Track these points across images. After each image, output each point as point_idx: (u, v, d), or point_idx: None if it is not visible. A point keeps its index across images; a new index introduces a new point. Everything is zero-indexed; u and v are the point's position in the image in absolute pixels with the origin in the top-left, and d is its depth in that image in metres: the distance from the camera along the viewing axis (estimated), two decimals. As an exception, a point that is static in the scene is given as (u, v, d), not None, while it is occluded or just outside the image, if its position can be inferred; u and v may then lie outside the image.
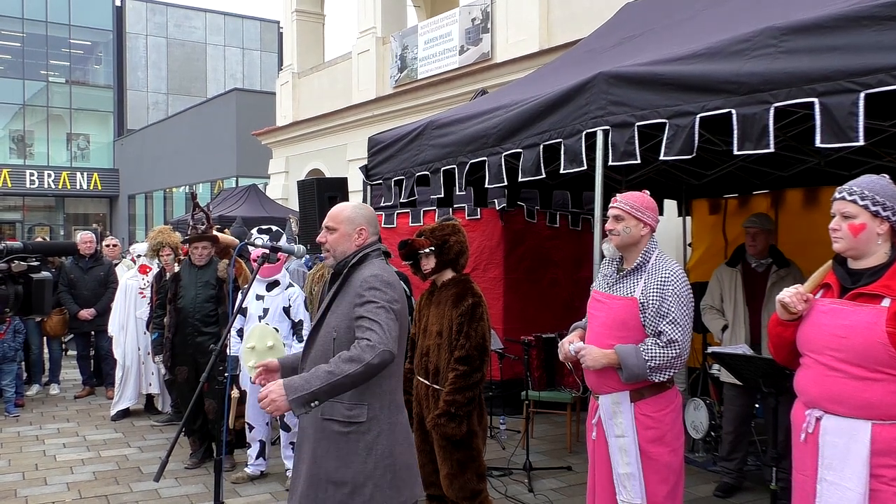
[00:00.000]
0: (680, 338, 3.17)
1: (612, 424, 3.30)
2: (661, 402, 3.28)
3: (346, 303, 2.85)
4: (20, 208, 36.21)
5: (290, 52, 18.37)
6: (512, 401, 7.12)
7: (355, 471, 2.79)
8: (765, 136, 3.12)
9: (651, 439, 3.24)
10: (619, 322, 3.29)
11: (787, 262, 5.19)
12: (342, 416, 2.81)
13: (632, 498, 3.25)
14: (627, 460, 3.25)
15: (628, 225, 3.33)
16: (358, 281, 2.85)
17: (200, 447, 5.95)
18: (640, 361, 3.16)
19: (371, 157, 5.94)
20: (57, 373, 8.88)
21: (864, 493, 2.51)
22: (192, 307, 5.72)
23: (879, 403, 2.51)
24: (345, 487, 2.79)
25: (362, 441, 2.81)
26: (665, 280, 3.23)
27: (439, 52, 12.78)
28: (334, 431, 2.82)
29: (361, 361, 2.63)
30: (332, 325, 2.87)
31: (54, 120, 36.62)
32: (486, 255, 7.48)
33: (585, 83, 3.95)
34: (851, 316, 2.59)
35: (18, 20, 35.03)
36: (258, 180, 19.69)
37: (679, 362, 3.20)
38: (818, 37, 2.99)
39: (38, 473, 5.76)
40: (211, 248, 5.88)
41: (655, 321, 3.21)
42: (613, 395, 3.30)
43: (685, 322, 3.21)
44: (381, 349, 2.67)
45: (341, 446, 2.81)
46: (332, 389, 2.63)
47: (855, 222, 2.63)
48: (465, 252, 4.25)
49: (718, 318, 5.36)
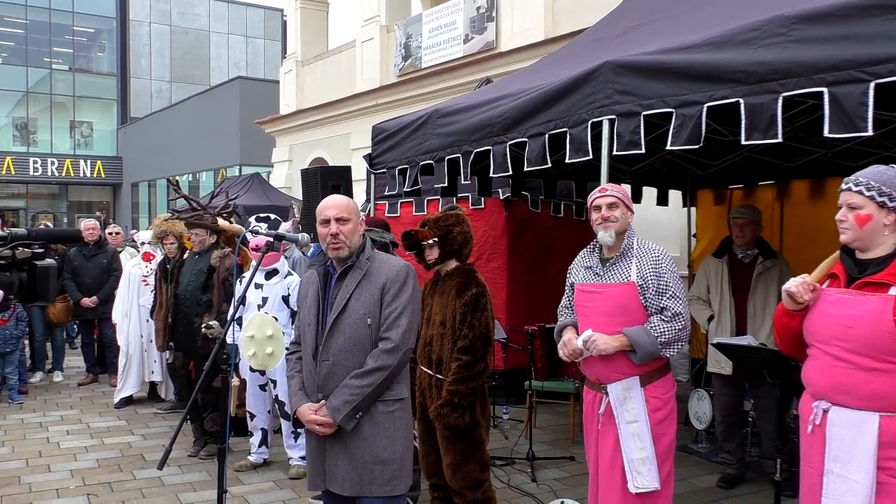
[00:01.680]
0: (682, 310, 3.30)
1: (624, 411, 3.32)
2: (667, 384, 3.40)
3: (374, 289, 3.02)
4: (24, 196, 36.23)
5: (293, 41, 18.31)
6: (515, 391, 7.13)
7: (403, 446, 3.05)
8: (773, 126, 3.10)
9: (660, 420, 3.33)
10: (620, 308, 3.33)
11: (774, 254, 5.23)
12: (386, 395, 3.02)
13: (648, 483, 3.25)
14: (642, 444, 3.28)
15: (624, 211, 3.43)
16: (387, 270, 3.06)
17: (202, 435, 5.97)
18: (651, 339, 3.24)
19: (375, 146, 5.92)
20: (60, 360, 8.91)
21: (871, 485, 2.50)
22: (184, 294, 5.79)
23: (887, 394, 2.50)
24: (394, 464, 3.01)
25: (404, 417, 3.08)
26: (657, 259, 3.35)
27: (444, 41, 12.72)
28: (381, 412, 3.01)
29: (387, 368, 2.95)
30: (361, 312, 3.01)
31: (58, 107, 36.60)
32: (489, 244, 7.47)
33: (591, 72, 3.92)
34: (858, 305, 2.58)
35: (21, 7, 34.96)
36: (261, 169, 19.66)
37: (685, 334, 3.30)
38: (828, 26, 2.96)
39: (41, 461, 5.77)
40: (206, 235, 5.87)
41: (657, 299, 3.31)
42: (624, 381, 3.34)
43: (683, 295, 3.34)
44: (404, 349, 3.00)
45: (387, 425, 3.01)
46: (372, 398, 2.96)
47: (861, 213, 2.62)
48: (469, 242, 4.23)
49: (705, 308, 5.41)
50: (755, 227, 5.24)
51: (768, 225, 6.52)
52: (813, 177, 6.17)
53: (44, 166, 34.68)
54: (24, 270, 2.33)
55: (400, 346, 2.98)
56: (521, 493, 5.09)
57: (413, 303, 3.07)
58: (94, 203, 37.83)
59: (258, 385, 5.47)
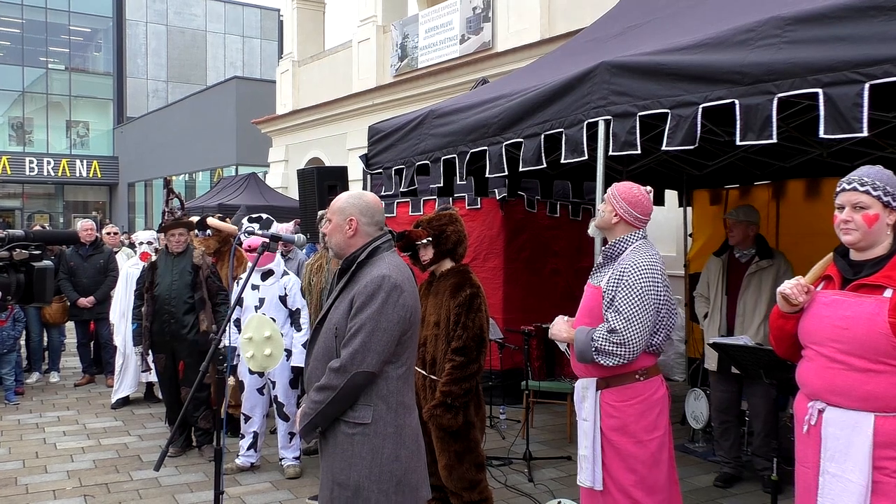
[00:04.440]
0: (621, 328, 3.10)
1: (581, 408, 3.38)
2: (625, 393, 3.25)
3: (347, 300, 2.79)
4: (19, 195, 36.13)
5: (290, 41, 18.31)
6: (512, 391, 7.13)
7: (359, 474, 2.74)
8: (768, 127, 3.10)
9: (613, 427, 3.26)
10: (588, 309, 3.36)
11: (771, 253, 5.23)
12: (348, 416, 2.77)
13: (584, 480, 3.32)
14: (585, 443, 3.31)
15: (604, 209, 3.37)
16: (364, 280, 2.77)
17: (181, 435, 5.98)
18: (587, 340, 3.19)
19: (371, 146, 5.92)
20: (57, 361, 8.89)
21: (867, 484, 2.50)
22: (168, 295, 5.75)
23: (882, 395, 2.50)
24: (347, 490, 2.75)
25: (368, 444, 2.75)
26: (623, 271, 3.20)
27: (440, 41, 12.73)
28: (341, 433, 2.78)
29: (333, 389, 2.72)
30: (333, 321, 2.82)
31: (54, 107, 36.51)
32: (486, 244, 7.48)
33: (587, 73, 3.93)
34: (853, 307, 2.57)
35: (17, 6, 34.87)
36: (258, 168, 19.66)
37: (626, 352, 3.12)
38: (823, 27, 2.96)
39: (38, 461, 5.77)
40: (187, 235, 5.91)
41: (607, 310, 3.22)
42: (584, 380, 3.37)
43: (631, 313, 3.11)
44: (353, 371, 2.69)
45: (346, 448, 2.77)
46: (325, 415, 2.76)
47: (869, 213, 2.59)
48: (464, 241, 4.24)
49: (703, 305, 5.51)
50: (746, 227, 5.25)
51: (764, 224, 6.53)
52: (809, 176, 6.19)
53: (40, 166, 34.61)
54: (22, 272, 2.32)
55: (346, 368, 2.68)
56: (518, 493, 5.10)
57: (378, 320, 2.70)
58: (90, 203, 37.77)
59: (256, 388, 5.47)
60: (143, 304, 5.84)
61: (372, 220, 2.91)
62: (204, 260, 5.89)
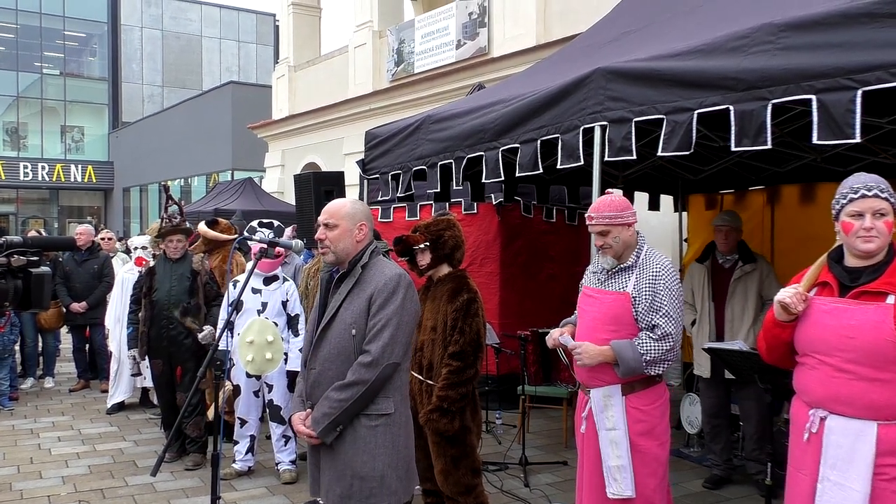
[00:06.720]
0: (673, 331, 3.23)
1: (604, 417, 3.33)
2: (651, 395, 3.32)
3: (362, 299, 2.93)
4: (14, 201, 36.06)
5: (286, 46, 18.33)
6: (508, 396, 7.14)
7: (383, 464, 2.91)
8: (762, 133, 3.12)
9: (641, 432, 3.28)
10: (611, 317, 3.33)
11: (753, 257, 5.28)
12: (370, 409, 2.91)
13: (622, 490, 3.27)
14: (619, 453, 3.28)
15: (616, 235, 3.35)
16: (380, 279, 2.94)
17: (177, 440, 5.96)
18: (637, 355, 3.21)
19: (368, 152, 5.93)
20: (52, 366, 8.87)
21: (868, 493, 2.48)
22: (166, 300, 5.73)
23: (887, 404, 2.48)
24: (372, 481, 2.90)
25: (389, 434, 2.93)
26: (656, 274, 3.28)
27: (436, 47, 12.76)
28: (363, 426, 2.91)
29: (365, 383, 2.85)
30: (347, 321, 2.93)
31: (48, 112, 36.48)
32: (482, 249, 7.49)
33: (583, 78, 3.95)
34: (857, 315, 2.54)
35: (12, 11, 34.86)
36: (254, 174, 19.67)
37: (672, 355, 3.25)
38: (816, 33, 2.99)
39: (33, 467, 5.75)
40: (185, 241, 5.91)
41: (648, 315, 3.26)
42: (605, 388, 3.34)
43: (677, 315, 3.26)
44: (384, 363, 2.87)
45: (368, 440, 2.91)
46: (350, 412, 2.87)
47: (889, 220, 2.58)
48: (461, 246, 4.24)
49: (690, 313, 5.51)
50: (738, 234, 5.34)
51: (759, 229, 6.57)
52: (803, 181, 6.22)
53: (34, 171, 34.57)
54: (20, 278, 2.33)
55: (379, 361, 2.85)
56: (514, 497, 5.10)
57: (401, 315, 2.91)
58: (85, 208, 37.72)
59: (252, 391, 5.46)
60: (140, 309, 5.83)
61: (371, 225, 3.11)
62: (203, 266, 5.89)
